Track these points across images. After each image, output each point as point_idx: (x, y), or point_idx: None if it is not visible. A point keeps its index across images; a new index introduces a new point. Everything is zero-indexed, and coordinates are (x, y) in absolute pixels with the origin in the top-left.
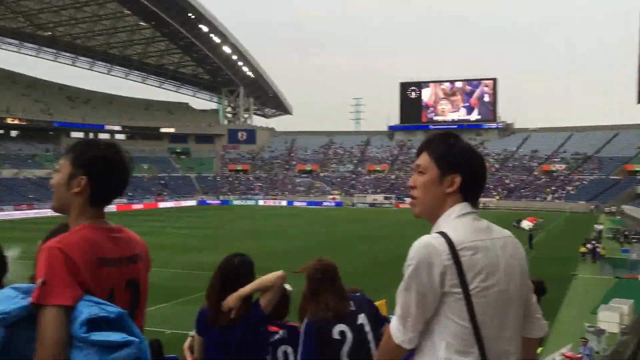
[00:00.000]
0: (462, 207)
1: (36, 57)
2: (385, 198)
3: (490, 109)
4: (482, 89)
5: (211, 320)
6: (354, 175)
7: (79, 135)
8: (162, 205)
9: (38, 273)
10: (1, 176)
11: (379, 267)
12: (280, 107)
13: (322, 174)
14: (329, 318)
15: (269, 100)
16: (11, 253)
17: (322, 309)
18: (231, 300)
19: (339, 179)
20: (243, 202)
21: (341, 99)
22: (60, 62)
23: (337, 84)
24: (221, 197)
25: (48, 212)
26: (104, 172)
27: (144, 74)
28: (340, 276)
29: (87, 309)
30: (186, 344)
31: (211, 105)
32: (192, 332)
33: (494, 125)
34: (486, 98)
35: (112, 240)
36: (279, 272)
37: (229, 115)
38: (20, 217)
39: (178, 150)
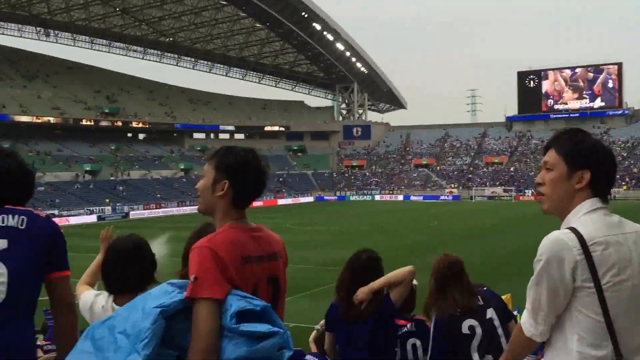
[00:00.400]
0: (592, 203)
1: (159, 62)
2: (505, 190)
3: (615, 96)
4: (606, 74)
5: (342, 313)
6: (471, 168)
7: (201, 136)
8: (281, 202)
9: (190, 270)
10: (131, 177)
11: (500, 261)
12: (394, 101)
13: (438, 168)
14: (457, 313)
15: (383, 95)
16: (161, 239)
17: (450, 305)
18: (362, 293)
19: (455, 172)
20: (360, 198)
21: (456, 91)
22: (181, 67)
23: (452, 76)
24: (338, 193)
25: (174, 210)
26: (244, 176)
27: (260, 74)
28: (466, 271)
29: (235, 303)
30: (312, 337)
31: (326, 102)
32: (318, 325)
33: (619, 112)
34: (610, 84)
35: (254, 240)
36: (409, 267)
37: (344, 111)
38: (149, 216)
39: (294, 148)
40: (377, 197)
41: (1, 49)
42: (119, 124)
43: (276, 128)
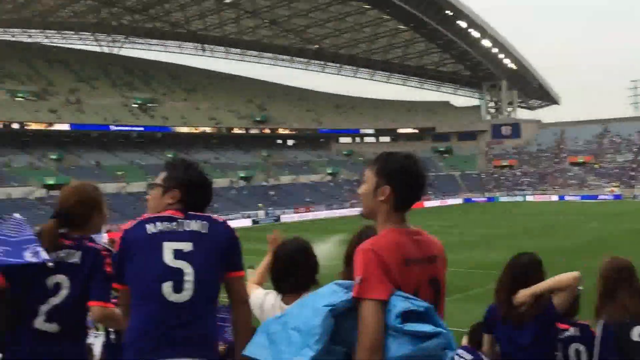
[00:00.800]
0: None
1: (306, 69)
2: None
3: None
4: None
5: (502, 316)
6: (635, 165)
7: (347, 140)
8: (427, 204)
9: (355, 271)
10: (281, 182)
11: None
12: (546, 97)
13: (596, 166)
14: (626, 320)
15: (534, 91)
16: (316, 242)
17: (619, 310)
18: (523, 296)
19: (616, 170)
20: (510, 199)
21: (616, 82)
22: (327, 73)
23: (610, 67)
24: (487, 194)
25: (323, 214)
26: (404, 181)
27: (404, 76)
28: (637, 276)
29: (399, 303)
30: (465, 341)
31: (472, 101)
32: (469, 328)
33: None
34: None
35: (415, 242)
36: (575, 273)
37: (492, 110)
38: (299, 220)
39: (441, 149)
40: (529, 198)
41: (164, 66)
42: (267, 131)
43: (418, 130)
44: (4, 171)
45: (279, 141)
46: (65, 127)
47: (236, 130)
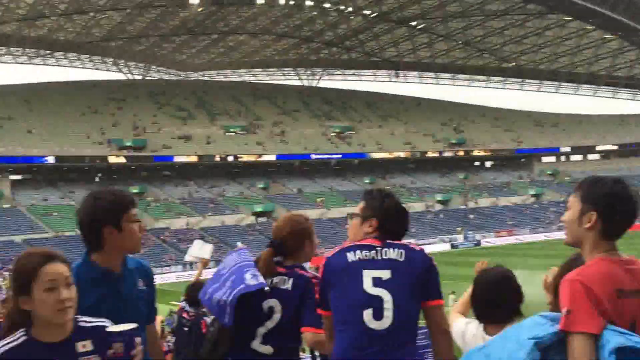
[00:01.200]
0: None
1: (502, 88)
2: None
3: None
4: None
5: None
6: None
7: (550, 160)
8: None
9: (562, 303)
10: (480, 205)
11: None
12: None
13: None
14: None
15: None
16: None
17: None
18: None
19: None
20: None
21: None
22: (525, 90)
23: None
24: None
25: (527, 238)
26: (613, 207)
27: (613, 88)
28: None
29: (613, 338)
30: None
31: None
32: None
33: None
34: None
35: (628, 272)
36: None
37: None
38: (501, 244)
39: None
40: None
41: (360, 94)
42: (461, 153)
43: (633, 145)
44: (219, 200)
45: (477, 163)
46: (271, 157)
47: (430, 154)
